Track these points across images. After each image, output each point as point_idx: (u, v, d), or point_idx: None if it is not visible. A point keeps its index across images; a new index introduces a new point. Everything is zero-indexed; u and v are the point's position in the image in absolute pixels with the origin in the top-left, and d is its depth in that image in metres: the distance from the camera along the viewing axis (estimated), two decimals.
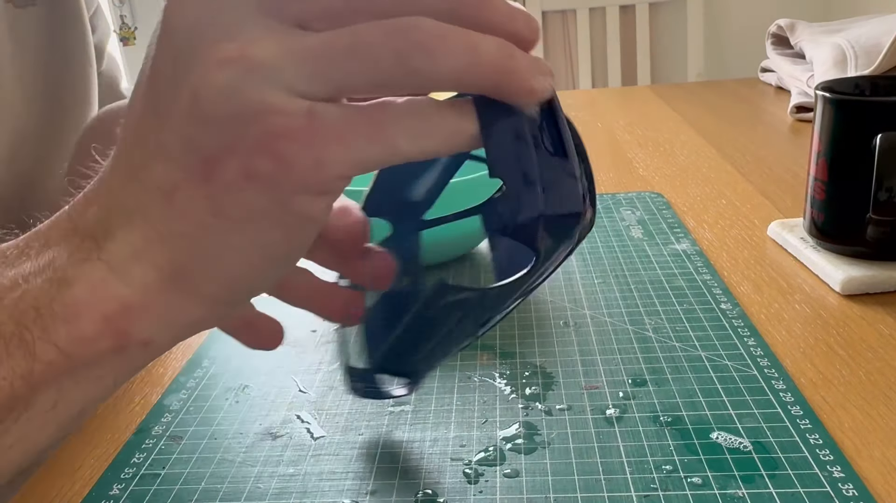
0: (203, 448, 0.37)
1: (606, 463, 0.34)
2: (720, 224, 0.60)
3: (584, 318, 0.46)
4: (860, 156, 0.45)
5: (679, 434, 0.35)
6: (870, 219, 0.45)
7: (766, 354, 0.41)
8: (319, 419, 0.39)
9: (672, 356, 0.41)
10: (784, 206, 0.63)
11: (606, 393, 0.39)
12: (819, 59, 0.88)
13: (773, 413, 0.36)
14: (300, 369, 0.44)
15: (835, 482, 0.31)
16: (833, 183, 0.48)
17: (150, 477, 0.35)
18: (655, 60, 1.95)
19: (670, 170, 0.75)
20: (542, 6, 1.91)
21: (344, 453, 0.36)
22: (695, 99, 1.07)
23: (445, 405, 0.39)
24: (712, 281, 0.50)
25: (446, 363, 0.42)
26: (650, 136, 0.89)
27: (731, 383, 0.38)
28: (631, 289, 0.50)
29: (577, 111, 1.06)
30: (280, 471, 0.35)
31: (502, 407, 0.38)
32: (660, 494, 0.31)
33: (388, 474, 0.34)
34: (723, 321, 0.44)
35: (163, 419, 0.40)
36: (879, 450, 0.33)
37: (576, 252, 0.56)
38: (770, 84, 1.07)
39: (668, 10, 1.93)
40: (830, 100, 0.47)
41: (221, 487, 0.34)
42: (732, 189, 0.68)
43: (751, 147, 0.80)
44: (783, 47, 1.03)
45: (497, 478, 0.33)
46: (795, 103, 0.89)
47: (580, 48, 1.91)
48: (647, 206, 0.64)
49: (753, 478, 0.32)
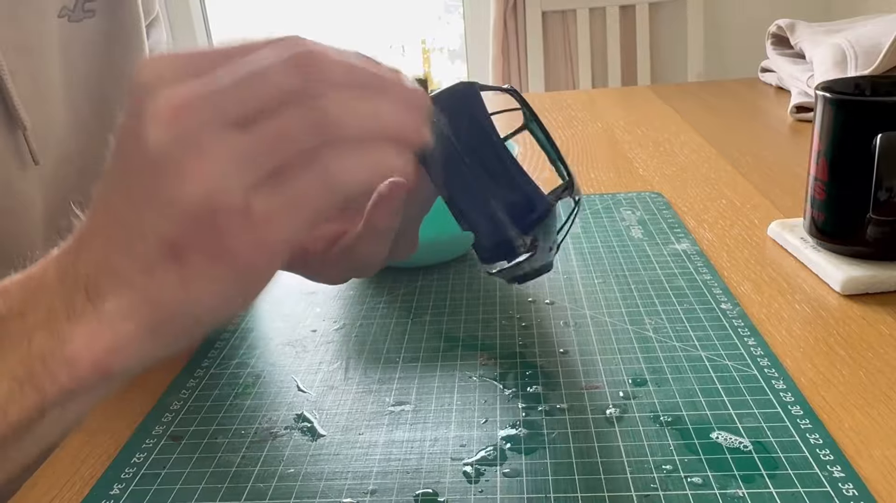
0: (203, 448, 0.37)
1: (606, 462, 0.34)
2: (720, 224, 0.60)
3: (584, 318, 0.46)
4: (860, 156, 0.45)
5: (679, 434, 0.35)
6: (870, 219, 0.45)
7: (766, 354, 0.41)
8: (319, 419, 0.39)
9: (672, 356, 0.41)
10: (784, 205, 0.63)
11: (607, 393, 0.39)
12: (819, 59, 0.88)
13: (774, 413, 0.36)
14: (300, 369, 0.44)
15: (835, 482, 0.31)
16: (833, 183, 0.48)
17: (150, 477, 0.35)
18: (655, 60, 1.96)
19: (670, 170, 0.75)
20: (542, 6, 1.91)
21: (344, 453, 0.36)
22: (695, 99, 1.07)
23: (445, 405, 0.39)
24: (712, 281, 0.50)
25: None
26: (650, 136, 0.89)
27: (731, 383, 0.38)
28: (631, 289, 0.50)
29: (577, 111, 1.06)
30: (280, 471, 0.35)
31: (502, 407, 0.38)
32: (660, 494, 0.31)
33: (388, 474, 0.34)
34: (723, 321, 0.44)
35: (163, 419, 0.40)
36: (879, 450, 0.33)
37: (576, 252, 0.56)
38: (770, 84, 1.07)
39: (668, 10, 1.93)
40: (830, 100, 0.47)
41: (221, 487, 0.34)
42: (732, 189, 0.68)
43: (751, 147, 0.80)
44: (783, 47, 1.03)
45: (497, 478, 0.33)
46: (795, 103, 0.89)
47: (580, 48, 1.91)
48: (647, 206, 0.64)
49: (753, 478, 0.32)
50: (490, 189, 0.30)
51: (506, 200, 0.30)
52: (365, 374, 0.43)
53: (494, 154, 0.30)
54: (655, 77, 1.96)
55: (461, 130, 0.30)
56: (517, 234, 0.30)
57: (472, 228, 0.31)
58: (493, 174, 0.30)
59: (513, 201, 0.30)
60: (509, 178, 0.30)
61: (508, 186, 0.30)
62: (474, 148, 0.29)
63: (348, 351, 0.45)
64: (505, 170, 0.30)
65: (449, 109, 0.30)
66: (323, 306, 0.51)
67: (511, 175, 0.30)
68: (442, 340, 0.46)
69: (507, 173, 0.30)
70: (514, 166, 0.31)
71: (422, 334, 0.46)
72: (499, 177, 0.30)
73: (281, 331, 0.48)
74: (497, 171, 0.30)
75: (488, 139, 0.30)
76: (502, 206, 0.30)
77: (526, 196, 0.30)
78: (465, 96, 0.30)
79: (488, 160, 0.30)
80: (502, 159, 0.30)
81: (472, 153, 0.29)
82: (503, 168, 0.30)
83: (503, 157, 0.30)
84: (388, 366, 0.43)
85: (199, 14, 2.18)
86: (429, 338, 0.46)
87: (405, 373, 0.42)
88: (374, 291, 0.53)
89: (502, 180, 0.30)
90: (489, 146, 0.30)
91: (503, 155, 0.30)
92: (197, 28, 2.15)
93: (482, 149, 0.30)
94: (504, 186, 0.30)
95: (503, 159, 0.30)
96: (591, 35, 1.91)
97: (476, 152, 0.30)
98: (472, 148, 0.29)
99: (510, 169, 0.30)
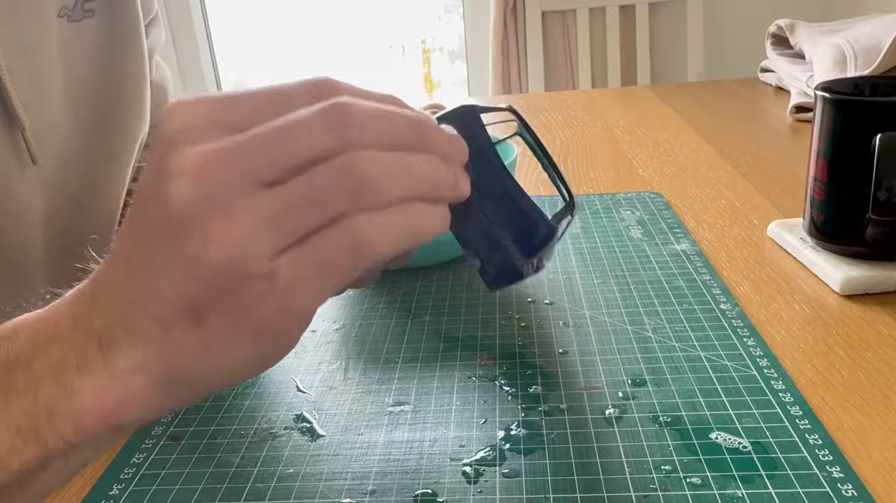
0: (202, 448, 0.37)
1: (606, 463, 0.34)
2: (720, 224, 0.60)
3: (584, 318, 0.46)
4: (860, 156, 0.45)
5: (678, 434, 0.35)
6: (869, 219, 0.45)
7: (765, 354, 0.41)
8: (319, 419, 0.39)
9: (671, 356, 0.41)
10: (784, 205, 0.63)
11: (606, 393, 0.39)
12: (819, 59, 0.88)
13: (773, 413, 0.36)
14: (300, 369, 0.44)
15: (834, 482, 0.31)
16: (833, 183, 0.48)
17: (150, 477, 0.35)
18: (655, 60, 1.96)
19: (670, 170, 0.75)
20: (542, 6, 1.91)
21: (344, 453, 0.36)
22: (695, 99, 1.07)
23: (445, 405, 0.39)
24: (712, 281, 0.50)
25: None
26: (650, 135, 0.89)
27: (730, 383, 0.38)
28: (631, 289, 0.50)
29: (577, 111, 1.06)
30: (280, 471, 0.35)
31: (502, 407, 0.38)
32: (659, 494, 0.31)
33: (387, 474, 0.34)
34: (722, 321, 0.44)
35: (163, 419, 0.40)
36: (879, 450, 0.33)
37: (576, 252, 0.56)
38: (770, 84, 1.07)
39: (668, 10, 1.93)
40: (830, 100, 0.47)
41: (221, 487, 0.34)
42: (732, 189, 0.68)
43: (751, 147, 0.80)
44: (783, 47, 1.03)
45: (497, 478, 0.33)
46: (795, 103, 0.89)
47: (580, 48, 1.91)
48: (646, 206, 0.64)
49: (753, 479, 0.32)
50: (495, 216, 0.30)
51: (511, 227, 0.30)
52: (364, 375, 0.43)
53: (498, 180, 0.30)
54: (655, 77, 1.96)
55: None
56: (523, 259, 0.30)
57: (478, 256, 0.30)
58: (497, 202, 0.30)
59: (518, 228, 0.30)
60: (513, 204, 0.30)
61: (513, 213, 0.30)
62: (478, 175, 0.29)
63: (348, 351, 0.45)
64: (509, 197, 0.30)
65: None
66: (322, 306, 0.51)
67: (515, 201, 0.30)
68: (441, 340, 0.46)
69: (511, 200, 0.30)
70: (518, 191, 0.30)
71: (421, 334, 0.46)
72: (503, 204, 0.30)
73: None
74: (501, 198, 0.30)
75: (491, 166, 0.30)
76: (508, 233, 0.30)
77: (531, 222, 0.30)
78: (465, 122, 0.30)
79: (492, 187, 0.30)
80: (505, 186, 0.30)
81: (476, 181, 0.29)
82: (507, 195, 0.30)
83: (506, 184, 0.30)
84: (387, 367, 0.43)
85: (199, 14, 2.18)
86: (428, 338, 0.46)
87: (404, 373, 0.42)
88: (373, 291, 0.53)
89: (507, 207, 0.30)
90: (492, 173, 0.30)
91: (506, 181, 0.30)
92: (197, 28, 2.15)
93: (486, 176, 0.29)
94: (509, 213, 0.30)
95: (506, 185, 0.30)
96: (591, 35, 1.91)
97: (480, 179, 0.29)
98: (476, 175, 0.29)
99: (514, 195, 0.30)
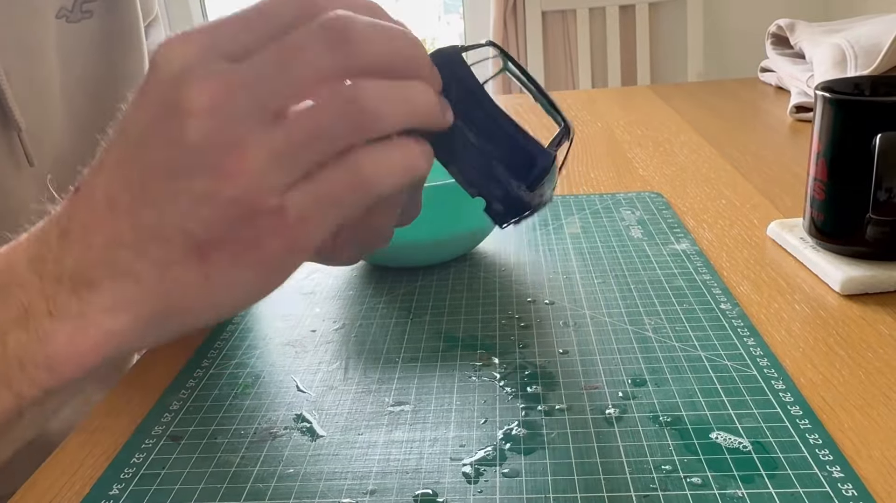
0: (202, 448, 0.37)
1: (606, 463, 0.34)
2: (720, 224, 0.60)
3: (584, 318, 0.46)
4: (860, 156, 0.45)
5: (679, 434, 0.35)
6: (869, 219, 0.45)
7: (765, 354, 0.41)
8: (319, 419, 0.39)
9: (672, 356, 0.41)
10: (784, 206, 0.63)
11: (606, 393, 0.39)
12: (819, 59, 0.88)
13: (773, 413, 0.36)
14: (300, 369, 0.44)
15: (834, 482, 0.31)
16: (833, 183, 0.48)
17: (150, 477, 0.35)
18: (655, 60, 1.96)
19: (670, 170, 0.75)
20: (542, 6, 1.91)
21: (344, 453, 0.36)
22: (695, 99, 1.07)
23: (445, 405, 0.39)
24: (712, 281, 0.50)
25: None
26: (650, 135, 0.89)
27: (730, 383, 0.38)
28: (631, 289, 0.50)
29: (577, 111, 1.06)
30: (279, 471, 0.35)
31: (502, 407, 0.38)
32: (659, 494, 0.31)
33: (387, 474, 0.34)
34: (722, 321, 0.44)
35: (162, 419, 0.40)
36: (879, 450, 0.33)
37: (576, 252, 0.56)
38: (770, 84, 1.07)
39: (668, 10, 1.93)
40: (830, 100, 0.47)
41: (221, 487, 0.34)
42: (732, 189, 0.68)
43: (751, 147, 0.80)
44: (783, 47, 1.03)
45: (497, 478, 0.33)
46: (795, 103, 0.89)
47: (580, 48, 1.91)
48: (646, 206, 0.64)
49: (753, 478, 0.32)
50: (491, 153, 0.30)
51: (509, 161, 0.30)
52: (364, 374, 0.43)
53: (489, 116, 0.30)
54: (655, 77, 1.96)
55: (452, 98, 0.30)
56: (526, 191, 0.30)
57: (481, 195, 0.31)
58: (491, 137, 0.30)
59: (516, 161, 0.30)
60: (508, 137, 0.30)
61: (509, 147, 0.30)
62: (469, 114, 0.29)
63: (348, 351, 0.45)
64: (502, 130, 0.30)
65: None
66: (322, 306, 0.51)
67: (509, 134, 0.30)
68: (441, 340, 0.46)
69: (505, 134, 0.30)
70: (510, 124, 0.30)
71: (421, 334, 0.46)
72: (498, 139, 0.30)
73: (280, 332, 0.48)
74: (495, 133, 0.30)
75: (481, 102, 0.30)
76: (506, 167, 0.30)
77: (528, 153, 0.30)
78: (450, 62, 0.30)
79: (485, 124, 0.30)
80: (498, 120, 0.30)
81: (468, 120, 0.29)
82: (500, 129, 0.30)
83: (498, 118, 0.30)
84: (387, 367, 0.43)
85: (199, 14, 2.18)
86: (428, 338, 0.46)
87: (404, 373, 0.42)
88: (373, 291, 0.53)
89: (502, 142, 0.30)
90: (483, 109, 0.30)
91: (498, 115, 0.30)
92: None
93: (477, 113, 0.30)
94: (504, 147, 0.30)
95: (498, 120, 0.30)
96: (591, 35, 1.91)
97: (472, 118, 0.29)
98: (467, 114, 0.29)
99: (507, 128, 0.30)
